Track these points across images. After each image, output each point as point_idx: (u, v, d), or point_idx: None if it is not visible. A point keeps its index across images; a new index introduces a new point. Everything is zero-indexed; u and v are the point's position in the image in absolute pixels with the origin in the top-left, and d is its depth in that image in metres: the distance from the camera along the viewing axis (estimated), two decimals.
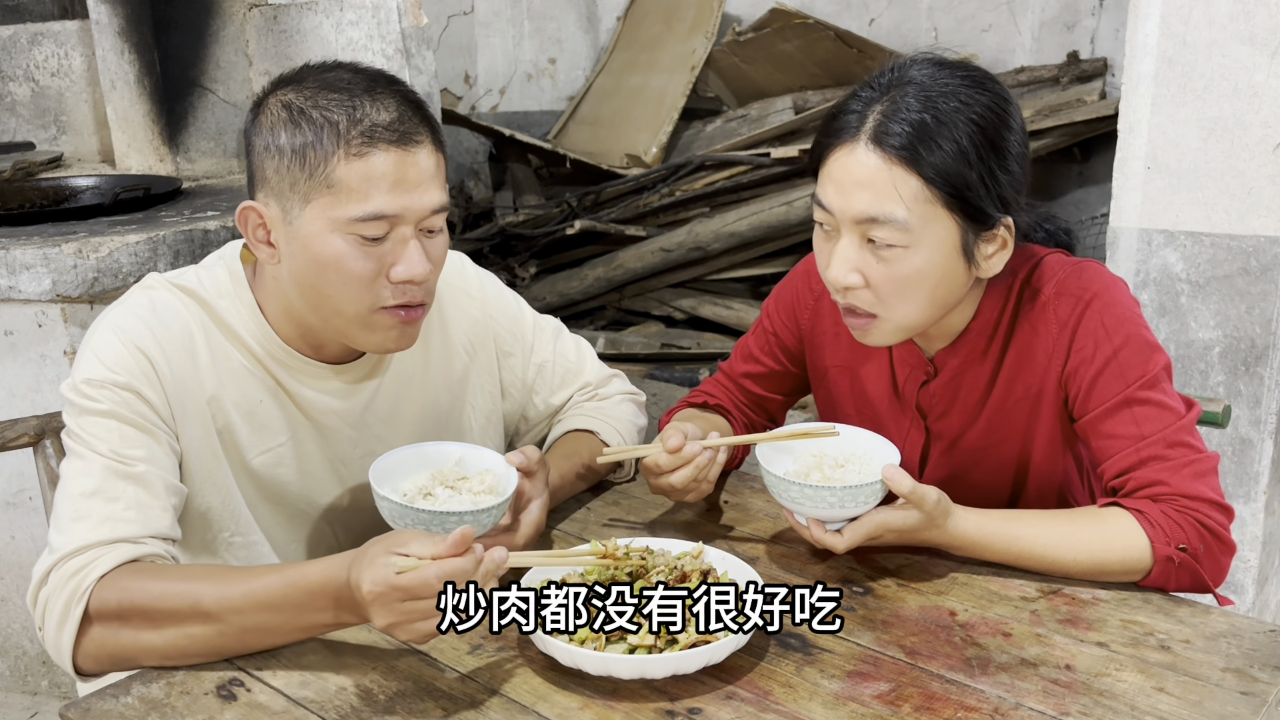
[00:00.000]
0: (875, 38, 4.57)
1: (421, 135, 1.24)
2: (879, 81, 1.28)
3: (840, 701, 1.05)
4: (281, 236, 1.25)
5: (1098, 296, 1.31)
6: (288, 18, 3.11)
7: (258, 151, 1.25)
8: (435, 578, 1.02)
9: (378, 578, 1.03)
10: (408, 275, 1.23)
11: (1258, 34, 1.98)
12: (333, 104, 1.21)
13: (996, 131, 1.24)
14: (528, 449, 1.31)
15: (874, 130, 1.23)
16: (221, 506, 1.32)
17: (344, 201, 1.20)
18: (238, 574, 1.14)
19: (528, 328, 1.57)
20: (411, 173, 1.22)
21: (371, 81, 1.24)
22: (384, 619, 1.04)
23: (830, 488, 1.21)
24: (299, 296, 1.27)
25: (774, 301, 1.57)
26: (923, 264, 1.25)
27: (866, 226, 1.24)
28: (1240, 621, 1.18)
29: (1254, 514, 2.17)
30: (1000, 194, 1.25)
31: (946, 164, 1.21)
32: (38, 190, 2.80)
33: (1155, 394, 1.28)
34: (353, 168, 1.19)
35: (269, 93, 1.26)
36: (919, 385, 1.42)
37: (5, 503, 2.44)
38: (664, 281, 4.33)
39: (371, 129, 1.20)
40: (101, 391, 1.22)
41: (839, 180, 1.25)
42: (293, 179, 1.21)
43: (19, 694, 2.54)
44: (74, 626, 1.14)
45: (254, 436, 1.33)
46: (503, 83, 5.13)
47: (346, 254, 1.22)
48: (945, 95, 1.23)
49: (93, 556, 1.15)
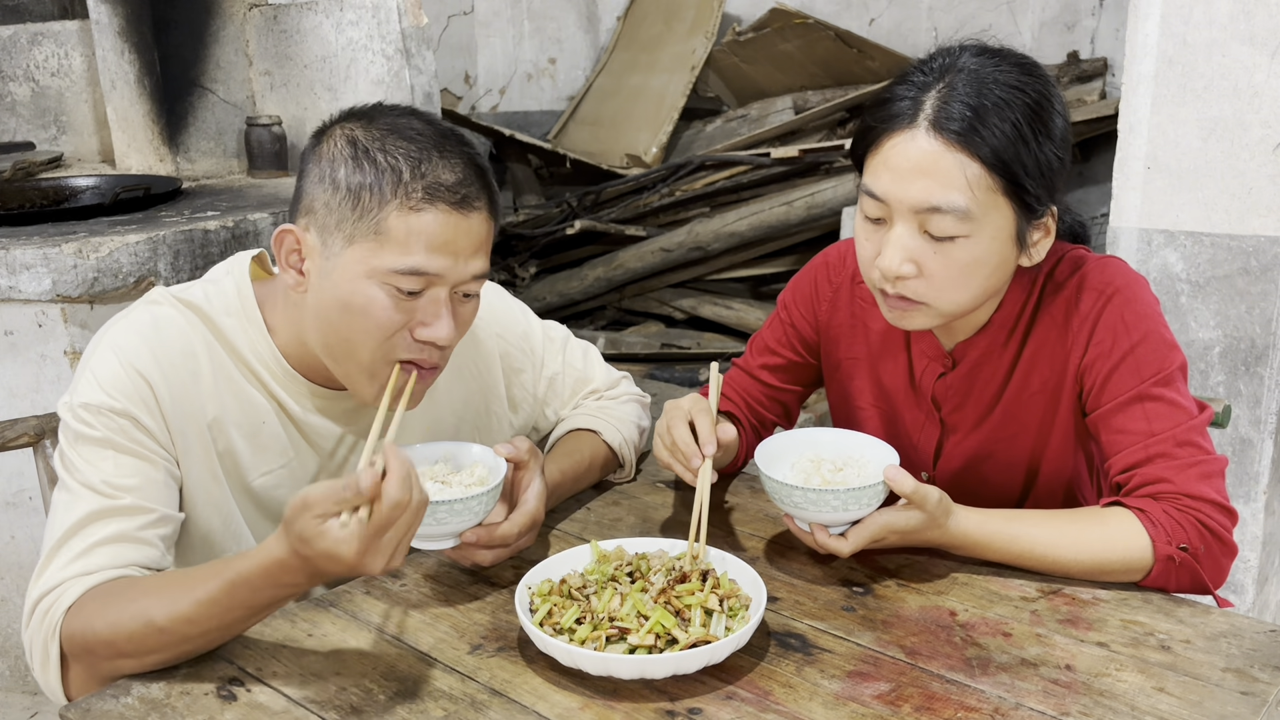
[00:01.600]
0: (875, 38, 4.57)
1: (480, 202, 1.22)
2: (930, 67, 1.26)
3: (840, 701, 1.05)
4: (315, 269, 1.23)
5: (1119, 292, 1.31)
6: (288, 18, 3.11)
7: (311, 179, 1.22)
8: (397, 501, 1.01)
9: (351, 537, 1.00)
10: (431, 337, 1.22)
11: (1258, 34, 1.98)
12: (400, 152, 1.19)
13: (1049, 115, 1.23)
14: (517, 440, 1.30)
15: (934, 115, 1.21)
16: (223, 528, 1.31)
17: (388, 251, 1.18)
18: (182, 583, 1.11)
19: (537, 343, 1.56)
20: (463, 239, 1.21)
21: (442, 138, 1.22)
22: (379, 561, 1.03)
23: (834, 491, 1.20)
24: (315, 330, 1.25)
25: (791, 294, 1.56)
26: (981, 253, 1.24)
27: (925, 217, 1.22)
28: (1240, 621, 1.18)
29: (1254, 514, 2.18)
30: (1049, 179, 1.24)
31: (1006, 149, 1.20)
32: (38, 190, 2.80)
33: (1169, 392, 1.28)
34: (406, 220, 1.18)
35: (336, 122, 1.24)
36: (936, 377, 1.42)
37: (5, 503, 2.44)
38: (664, 281, 4.33)
39: (434, 186, 1.18)
40: (98, 418, 1.20)
41: (897, 167, 1.23)
42: (341, 216, 1.19)
43: (19, 694, 2.54)
44: (55, 664, 1.14)
45: (255, 458, 1.32)
46: (503, 83, 5.13)
47: (378, 303, 1.20)
48: (998, 81, 1.22)
49: (60, 592, 1.15)
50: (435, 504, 1.18)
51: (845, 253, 1.51)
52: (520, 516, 1.28)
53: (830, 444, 1.34)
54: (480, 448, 1.32)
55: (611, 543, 1.26)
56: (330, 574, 1.05)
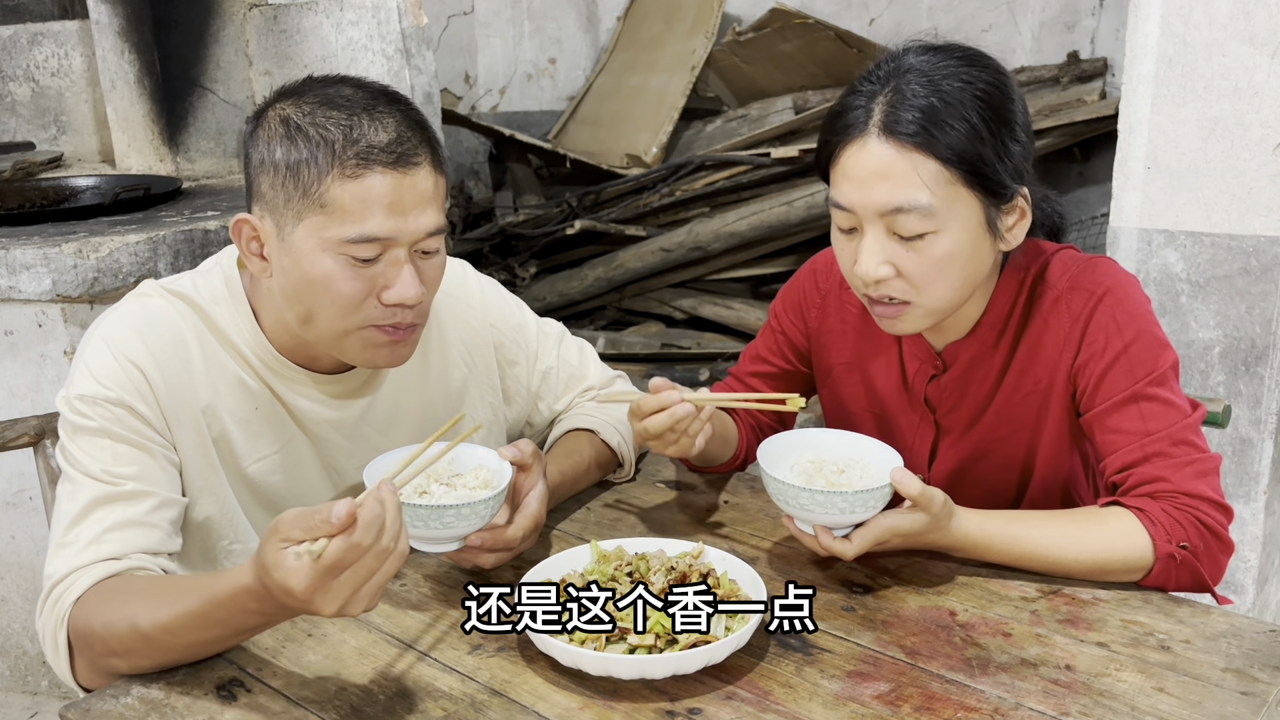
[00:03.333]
0: (875, 38, 4.57)
1: (420, 157, 1.21)
2: (876, 75, 1.27)
3: (840, 702, 1.05)
4: (274, 251, 1.23)
5: (1110, 292, 1.31)
6: (288, 18, 3.11)
7: (254, 164, 1.23)
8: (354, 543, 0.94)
9: (301, 571, 0.94)
10: (398, 299, 1.22)
11: (1258, 34, 1.98)
12: (330, 121, 1.19)
13: (1002, 104, 1.24)
14: (521, 442, 1.30)
15: (883, 120, 1.23)
16: (220, 515, 1.32)
17: (336, 222, 1.18)
18: (166, 592, 1.10)
19: (531, 335, 1.56)
20: (408, 196, 1.20)
21: (373, 99, 1.22)
22: (332, 604, 0.96)
23: (841, 493, 1.20)
24: (289, 310, 1.26)
25: (781, 302, 1.57)
26: (952, 245, 1.25)
27: (891, 218, 1.24)
28: (1240, 621, 1.18)
29: (1254, 514, 2.17)
30: (1014, 164, 1.25)
31: (961, 142, 1.21)
32: (38, 190, 2.80)
33: (1163, 391, 1.28)
34: (346, 189, 1.17)
35: (269, 104, 1.24)
36: (928, 379, 1.42)
37: (5, 503, 2.44)
38: (664, 281, 4.33)
39: (368, 150, 1.17)
40: (94, 408, 1.21)
41: (855, 176, 1.25)
42: (286, 195, 1.20)
43: (19, 694, 2.54)
44: (64, 652, 1.15)
45: (249, 445, 1.33)
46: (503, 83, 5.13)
47: (337, 274, 1.20)
48: (946, 76, 1.23)
49: (71, 581, 1.15)
50: (442, 508, 1.18)
51: (833, 259, 1.51)
52: (524, 520, 1.28)
53: (832, 446, 1.34)
54: (485, 450, 1.32)
55: (611, 543, 1.26)
56: (290, 609, 1.00)
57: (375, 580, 0.98)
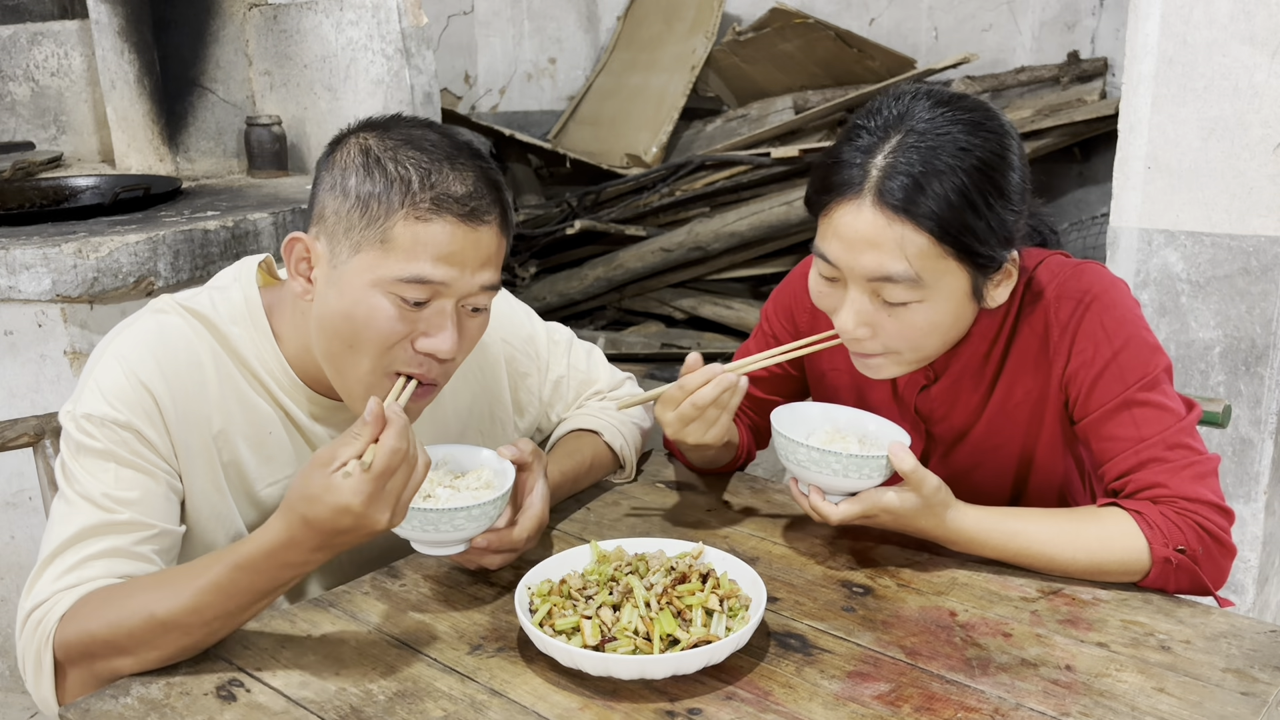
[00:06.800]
0: (875, 37, 4.57)
1: (491, 216, 1.21)
2: (879, 118, 1.25)
3: (840, 702, 1.05)
4: (322, 276, 1.22)
5: (1098, 299, 1.31)
6: (288, 17, 3.11)
7: (324, 187, 1.22)
8: (395, 448, 1.03)
9: (354, 485, 1.01)
10: (432, 349, 1.21)
11: (1258, 34, 1.98)
12: (411, 161, 1.18)
13: (999, 173, 1.22)
14: (520, 441, 1.30)
15: (877, 188, 1.20)
16: (226, 541, 1.30)
17: (393, 259, 1.17)
18: (183, 575, 1.11)
19: (542, 345, 1.56)
20: (470, 251, 1.19)
21: (456, 149, 1.21)
22: (384, 512, 1.04)
23: (836, 453, 1.23)
24: (318, 339, 1.24)
25: (772, 306, 1.57)
26: (935, 314, 1.25)
27: (878, 285, 1.23)
28: (1241, 622, 1.18)
29: (1254, 514, 2.18)
30: (1006, 233, 1.24)
31: (953, 217, 1.19)
32: (38, 190, 2.80)
33: (1155, 395, 1.28)
34: (411, 229, 1.17)
35: (352, 131, 1.24)
36: (918, 390, 1.42)
37: (5, 503, 2.44)
38: (664, 281, 4.33)
39: (442, 197, 1.17)
40: (101, 429, 1.19)
41: (845, 237, 1.23)
42: (349, 224, 1.19)
43: (19, 694, 2.53)
44: (49, 674, 1.14)
45: (262, 468, 1.31)
46: (503, 83, 5.13)
47: (382, 311, 1.18)
48: (945, 144, 1.20)
49: (53, 603, 1.15)
50: (451, 510, 1.18)
51: None
52: (529, 520, 1.28)
53: (851, 421, 1.37)
54: (487, 451, 1.32)
55: (611, 543, 1.26)
56: (338, 535, 1.05)
57: (410, 486, 1.07)
